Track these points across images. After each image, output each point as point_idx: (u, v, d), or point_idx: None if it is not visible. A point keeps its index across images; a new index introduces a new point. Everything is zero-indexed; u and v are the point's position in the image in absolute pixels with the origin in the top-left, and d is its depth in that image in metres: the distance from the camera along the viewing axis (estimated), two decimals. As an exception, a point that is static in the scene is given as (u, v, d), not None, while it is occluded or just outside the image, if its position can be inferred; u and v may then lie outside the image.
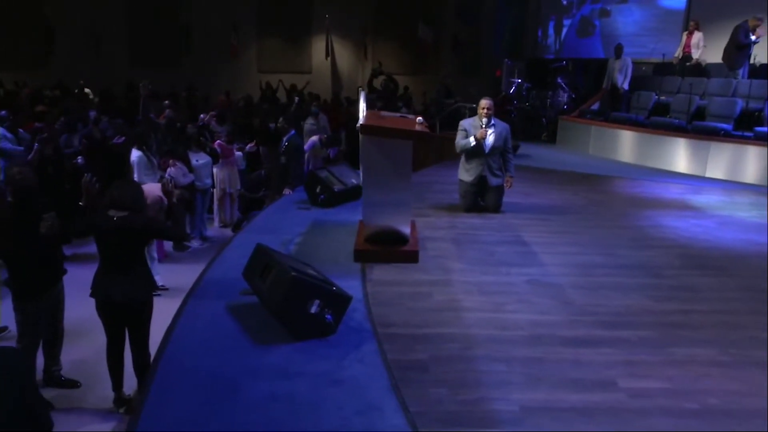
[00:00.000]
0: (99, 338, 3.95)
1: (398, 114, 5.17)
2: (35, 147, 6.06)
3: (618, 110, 10.71)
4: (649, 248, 4.91)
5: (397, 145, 4.13)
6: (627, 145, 9.89)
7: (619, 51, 10.74)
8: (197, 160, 7.33)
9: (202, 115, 9.42)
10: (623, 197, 7.05)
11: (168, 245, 7.02)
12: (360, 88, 4.66)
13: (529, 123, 12.49)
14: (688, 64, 10.47)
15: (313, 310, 3.06)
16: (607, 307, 3.68)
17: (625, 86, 10.69)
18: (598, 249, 4.84)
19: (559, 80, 12.91)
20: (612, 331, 3.35)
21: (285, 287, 3.01)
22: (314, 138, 8.34)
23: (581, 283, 4.06)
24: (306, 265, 3.56)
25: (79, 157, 6.79)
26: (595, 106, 11.66)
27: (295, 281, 3.00)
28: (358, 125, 4.21)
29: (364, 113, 4.55)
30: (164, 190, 3.95)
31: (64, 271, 4.11)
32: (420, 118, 4.42)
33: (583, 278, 4.16)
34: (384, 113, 5.03)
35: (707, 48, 10.36)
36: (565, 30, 14.76)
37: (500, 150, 5.78)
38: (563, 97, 12.76)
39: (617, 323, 3.46)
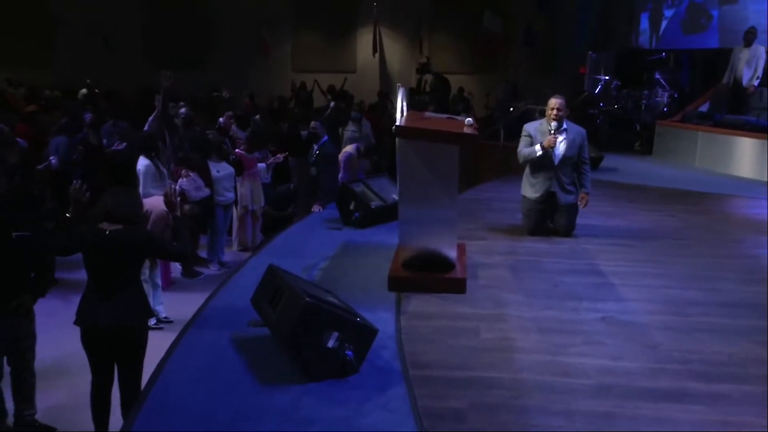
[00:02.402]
0: (83, 378, 4.08)
1: (445, 115, 5.21)
2: None
3: (738, 112, 10.36)
4: (764, 283, 4.73)
5: (440, 151, 4.17)
6: (746, 156, 9.54)
7: (749, 38, 10.21)
8: (218, 171, 7.54)
9: (221, 119, 9.72)
10: (735, 220, 6.85)
11: (175, 271, 7.23)
12: (399, 86, 4.73)
13: (619, 130, 12.27)
14: None
15: (331, 344, 3.11)
16: (703, 353, 3.60)
17: (755, 83, 10.29)
18: (696, 282, 4.73)
19: (658, 76, 12.65)
20: (707, 384, 3.26)
21: (297, 315, 3.07)
22: (350, 149, 8.43)
23: (670, 324, 3.98)
24: (326, 291, 3.64)
25: (52, 158, 7.08)
26: (704, 108, 11.35)
27: (308, 308, 3.06)
28: (393, 127, 4.26)
29: (404, 113, 4.60)
30: (166, 200, 4.09)
31: (34, 294, 4.20)
32: (470, 119, 4.44)
33: (672, 317, 4.08)
34: (428, 114, 5.08)
35: None
36: (665, 23, 14.12)
37: (573, 161, 5.72)
38: (662, 97, 12.48)
39: (715, 374, 3.36)
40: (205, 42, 18.54)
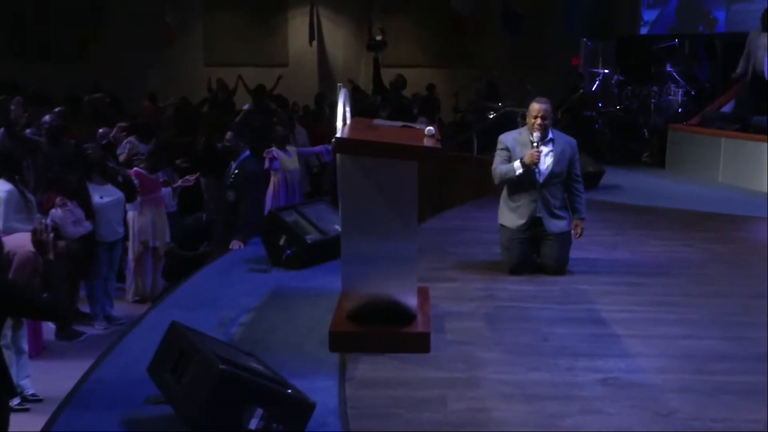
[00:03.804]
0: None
1: (399, 123, 5.28)
2: None
3: (765, 112, 10.68)
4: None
5: (394, 169, 4.22)
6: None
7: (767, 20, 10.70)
8: (101, 197, 7.49)
9: (101, 130, 9.64)
10: (769, 250, 7.03)
11: (48, 331, 7.11)
12: (340, 86, 4.80)
13: (623, 136, 12.54)
14: None
15: (254, 425, 3.11)
16: (732, 422, 3.66)
17: None
18: (721, 330, 4.83)
19: (669, 69, 13.00)
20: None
21: (208, 388, 3.06)
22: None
23: (689, 384, 4.05)
24: (248, 355, 3.64)
25: None
26: (728, 107, 11.68)
27: (224, 378, 3.05)
28: (333, 140, 4.31)
29: (346, 121, 4.67)
30: (35, 239, 4.05)
31: None
32: (431, 128, 4.51)
33: (692, 376, 4.15)
34: (377, 122, 5.15)
35: None
36: (644, 30, 14.17)
37: (562, 178, 5.85)
38: (676, 94, 12.83)
39: (747, 448, 3.44)
40: (90, 27, 18.39)
